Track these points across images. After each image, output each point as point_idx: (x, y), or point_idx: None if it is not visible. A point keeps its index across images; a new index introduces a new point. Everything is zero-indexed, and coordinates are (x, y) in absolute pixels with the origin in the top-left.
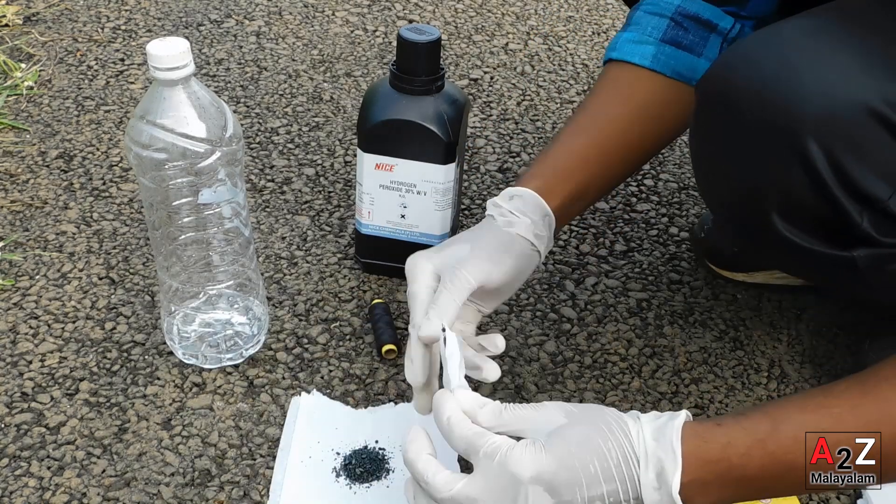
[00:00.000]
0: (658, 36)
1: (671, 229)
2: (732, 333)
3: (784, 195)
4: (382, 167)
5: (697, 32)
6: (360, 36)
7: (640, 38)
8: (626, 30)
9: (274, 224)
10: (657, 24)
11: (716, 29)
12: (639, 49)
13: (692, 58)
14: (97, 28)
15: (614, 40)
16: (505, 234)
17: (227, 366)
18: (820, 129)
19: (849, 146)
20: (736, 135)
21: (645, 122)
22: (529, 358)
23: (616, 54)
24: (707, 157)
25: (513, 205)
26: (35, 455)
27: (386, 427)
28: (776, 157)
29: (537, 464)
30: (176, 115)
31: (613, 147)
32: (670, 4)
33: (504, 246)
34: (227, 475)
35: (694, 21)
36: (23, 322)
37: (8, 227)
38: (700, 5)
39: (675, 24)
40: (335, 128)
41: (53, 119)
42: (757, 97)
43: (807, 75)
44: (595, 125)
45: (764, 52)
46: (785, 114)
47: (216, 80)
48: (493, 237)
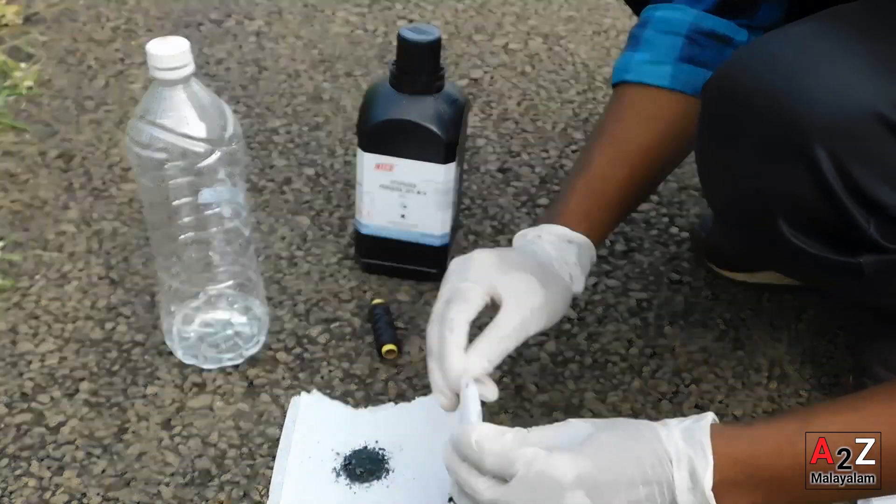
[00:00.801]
0: (675, 56)
1: (671, 229)
2: (733, 333)
3: (790, 200)
4: (382, 167)
5: (714, 48)
6: (360, 36)
7: (656, 59)
8: (636, 50)
9: (274, 224)
10: (672, 44)
11: (732, 43)
12: (657, 70)
13: (710, 73)
14: (97, 28)
15: (625, 62)
16: (567, 286)
17: (227, 366)
18: (827, 134)
19: (856, 151)
20: (742, 138)
21: (672, 144)
22: (529, 358)
23: (632, 76)
24: (712, 159)
25: (570, 252)
26: (35, 455)
27: (386, 427)
28: (783, 161)
29: (577, 467)
30: (176, 115)
31: (645, 175)
32: (684, 23)
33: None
34: (227, 475)
35: (710, 37)
36: (23, 322)
37: (8, 227)
38: (715, 21)
39: (691, 41)
40: (335, 128)
41: (53, 119)
42: (764, 101)
43: (815, 80)
44: (628, 156)
45: (771, 56)
46: (792, 118)
47: (216, 80)
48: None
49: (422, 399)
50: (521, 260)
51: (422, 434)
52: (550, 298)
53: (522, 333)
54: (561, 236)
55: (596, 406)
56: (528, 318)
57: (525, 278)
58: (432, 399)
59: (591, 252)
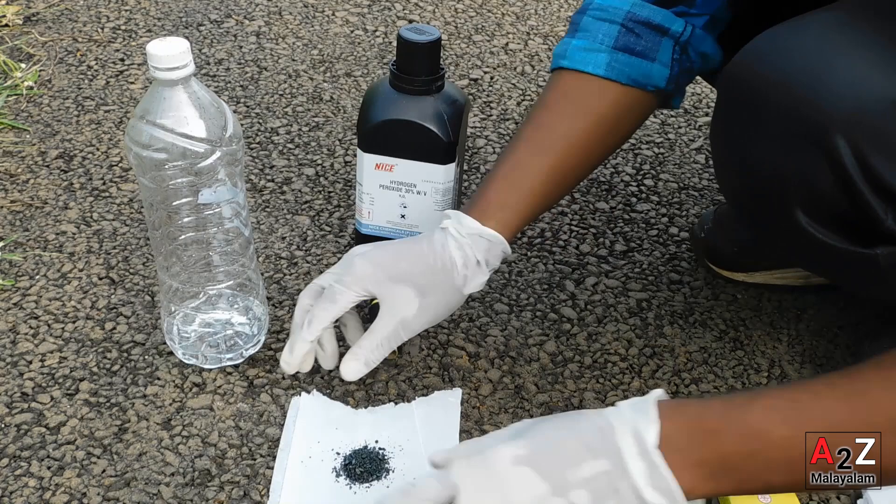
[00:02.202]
0: (610, 43)
1: (671, 229)
2: (732, 333)
3: (808, 190)
4: (382, 167)
5: (650, 37)
6: (360, 36)
7: (592, 46)
8: (574, 36)
9: (274, 224)
10: (608, 31)
11: (667, 33)
12: (591, 57)
13: (646, 63)
14: (97, 28)
15: (563, 47)
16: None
17: (227, 366)
18: (847, 125)
19: (876, 142)
20: (761, 127)
21: (601, 135)
22: (529, 358)
23: (567, 63)
24: (729, 148)
25: (479, 247)
26: (35, 455)
27: (386, 427)
28: (801, 151)
29: (515, 447)
30: (176, 115)
31: (571, 166)
32: (619, 10)
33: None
34: (227, 475)
35: (645, 26)
36: (23, 322)
37: (8, 227)
38: (650, 9)
39: (627, 30)
40: (335, 128)
41: (53, 119)
42: (784, 90)
43: (834, 70)
44: (553, 146)
45: (789, 46)
46: (812, 108)
47: (216, 80)
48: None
49: (422, 399)
50: (406, 267)
51: (422, 434)
52: (428, 305)
53: (395, 341)
54: (472, 230)
55: (596, 406)
56: (399, 329)
57: (399, 290)
58: (432, 399)
59: (503, 246)
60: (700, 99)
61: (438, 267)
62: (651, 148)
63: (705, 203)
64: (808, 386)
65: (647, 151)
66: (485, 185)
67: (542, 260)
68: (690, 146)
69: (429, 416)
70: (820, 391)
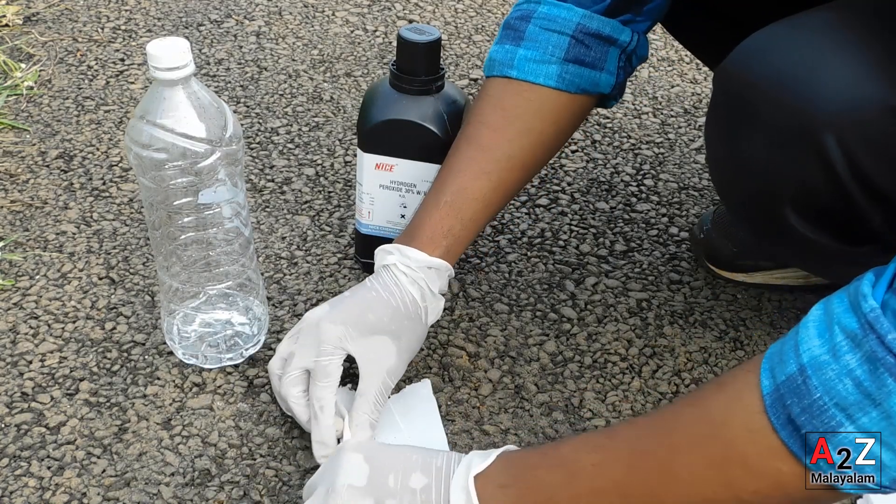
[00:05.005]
0: (561, 55)
1: (671, 229)
2: (732, 333)
3: (799, 190)
4: (382, 167)
5: (598, 48)
6: (360, 36)
7: (543, 58)
8: (519, 45)
9: (274, 224)
10: (558, 43)
11: (615, 43)
12: (543, 69)
13: (595, 73)
14: (97, 28)
15: (507, 55)
16: (421, 323)
17: (227, 366)
18: (838, 126)
19: (867, 143)
20: (753, 126)
21: (545, 149)
22: (529, 358)
23: (516, 73)
24: (723, 148)
25: (431, 278)
26: (35, 455)
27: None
28: (792, 149)
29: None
30: (176, 115)
31: (514, 180)
32: (569, 22)
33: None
34: (227, 475)
35: (595, 38)
36: (23, 322)
37: (8, 227)
38: (600, 21)
39: (577, 41)
40: (335, 128)
41: (53, 119)
42: (776, 89)
43: (826, 71)
44: (497, 167)
45: (784, 46)
46: (803, 109)
47: (216, 80)
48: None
49: (395, 396)
50: (373, 318)
51: (406, 429)
52: (404, 347)
53: (386, 392)
54: (421, 262)
55: (596, 406)
56: (387, 379)
57: (376, 342)
58: (405, 393)
59: (450, 272)
60: (700, 99)
61: (402, 308)
62: (651, 148)
63: (705, 203)
64: (631, 419)
65: (647, 151)
66: (427, 212)
67: (542, 260)
68: (690, 146)
69: (407, 411)
70: (636, 421)
